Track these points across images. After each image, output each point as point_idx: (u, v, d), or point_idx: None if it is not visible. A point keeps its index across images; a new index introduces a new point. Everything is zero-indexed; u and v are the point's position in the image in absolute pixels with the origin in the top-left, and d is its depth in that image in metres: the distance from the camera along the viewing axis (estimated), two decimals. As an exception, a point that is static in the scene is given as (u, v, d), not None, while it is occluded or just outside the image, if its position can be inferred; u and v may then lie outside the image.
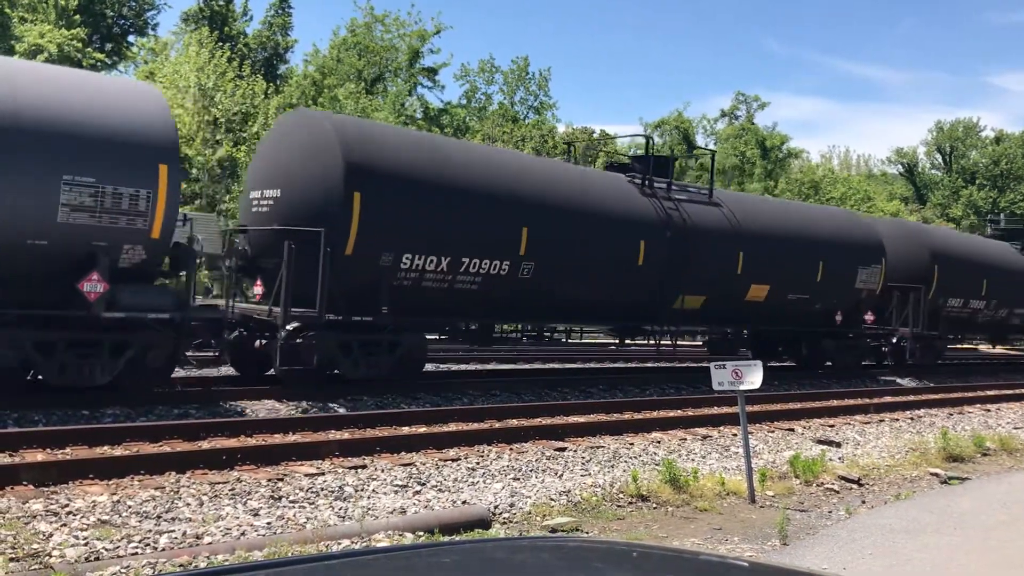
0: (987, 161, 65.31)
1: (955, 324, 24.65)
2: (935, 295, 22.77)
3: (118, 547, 5.83)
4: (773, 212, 19.86)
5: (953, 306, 23.87)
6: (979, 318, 25.40)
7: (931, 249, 22.93)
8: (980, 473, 11.06)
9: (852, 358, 21.52)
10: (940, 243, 23.85)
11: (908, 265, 22.44)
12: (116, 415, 10.49)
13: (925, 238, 23.58)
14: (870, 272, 20.75)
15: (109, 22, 41.38)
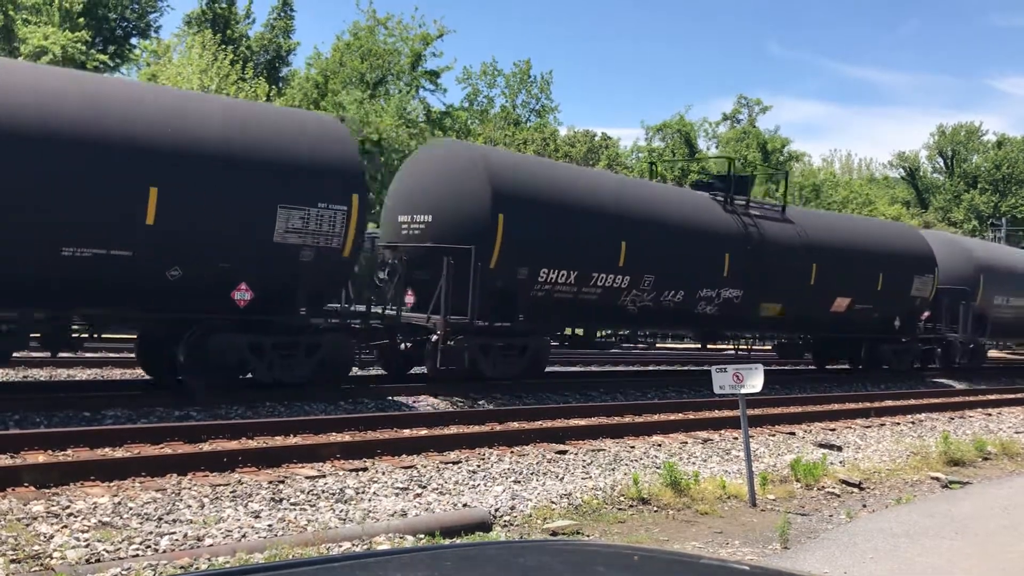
0: (989, 165, 65.33)
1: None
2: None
3: (119, 549, 5.83)
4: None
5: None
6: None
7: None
8: (981, 477, 11.05)
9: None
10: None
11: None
12: (117, 416, 10.51)
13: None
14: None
15: (112, 24, 41.44)
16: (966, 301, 23.65)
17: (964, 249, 25.54)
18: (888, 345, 22.29)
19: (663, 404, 14.66)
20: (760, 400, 14.22)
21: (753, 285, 18.14)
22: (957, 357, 23.87)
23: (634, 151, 59.73)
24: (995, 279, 25.06)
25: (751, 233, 18.26)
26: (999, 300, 25.25)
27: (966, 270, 24.47)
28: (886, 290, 21.23)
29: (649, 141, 59.42)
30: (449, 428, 11.14)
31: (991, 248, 28.86)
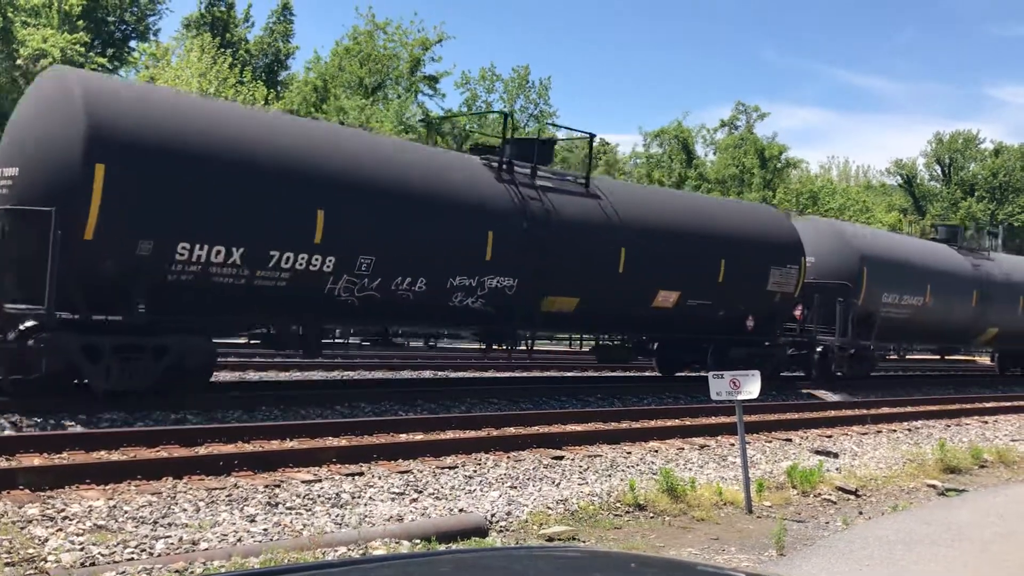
0: (986, 173, 65.47)
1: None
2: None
3: (114, 552, 5.82)
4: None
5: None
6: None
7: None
8: (977, 485, 11.05)
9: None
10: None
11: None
12: (113, 420, 10.49)
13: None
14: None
15: (111, 27, 41.45)
16: (845, 299, 20.07)
17: (843, 236, 21.64)
18: (741, 349, 18.34)
19: (660, 410, 14.66)
20: (757, 406, 14.21)
21: (533, 273, 14.47)
22: (834, 365, 20.48)
23: (632, 157, 59.80)
24: (882, 273, 21.29)
25: (531, 208, 14.45)
26: (888, 298, 21.67)
27: (847, 262, 20.79)
28: (730, 282, 17.60)
29: (647, 147, 59.50)
30: (446, 433, 11.13)
31: (879, 236, 24.99)
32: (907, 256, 22.92)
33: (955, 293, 23.61)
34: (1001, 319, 25.31)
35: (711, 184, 52.90)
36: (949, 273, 23.70)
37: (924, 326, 23.06)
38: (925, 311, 22.45)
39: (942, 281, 23.09)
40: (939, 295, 22.78)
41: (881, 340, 22.25)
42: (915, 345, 26.87)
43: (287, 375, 17.07)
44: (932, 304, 22.56)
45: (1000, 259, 26.43)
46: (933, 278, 22.81)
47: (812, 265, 20.20)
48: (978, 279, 24.58)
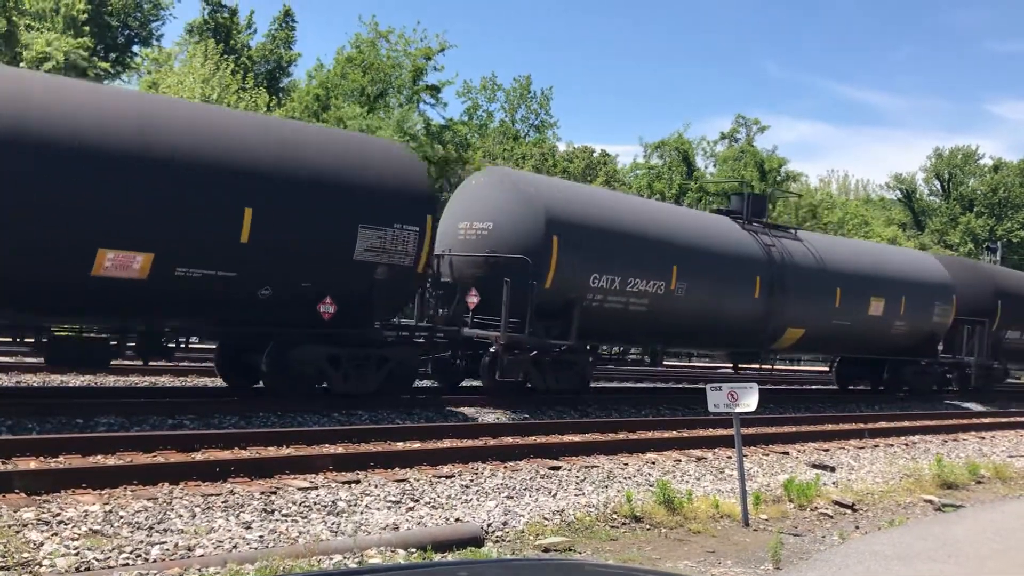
0: (985, 189, 65.59)
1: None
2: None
3: (109, 557, 5.81)
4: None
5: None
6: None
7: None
8: (974, 501, 11.04)
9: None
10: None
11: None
12: (110, 424, 10.48)
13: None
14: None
15: (114, 31, 41.54)
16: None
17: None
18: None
19: (657, 421, 14.66)
20: (755, 419, 14.21)
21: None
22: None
23: (633, 168, 59.87)
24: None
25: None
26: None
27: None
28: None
29: (647, 158, 59.58)
30: (443, 442, 11.11)
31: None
32: (637, 225, 16.80)
33: (725, 279, 17.86)
34: (807, 316, 19.77)
35: (711, 196, 52.96)
36: (714, 253, 17.80)
37: (669, 323, 17.22)
38: (670, 301, 16.74)
39: (702, 262, 17.37)
40: (695, 280, 17.11)
41: (594, 338, 16.94)
42: (660, 346, 21.39)
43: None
44: (682, 293, 16.91)
45: (811, 239, 21.06)
46: (685, 258, 17.04)
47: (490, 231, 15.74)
48: (767, 262, 18.79)
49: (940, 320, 23.21)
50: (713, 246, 17.97)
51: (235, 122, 12.39)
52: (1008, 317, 25.60)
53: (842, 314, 20.57)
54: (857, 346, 22.13)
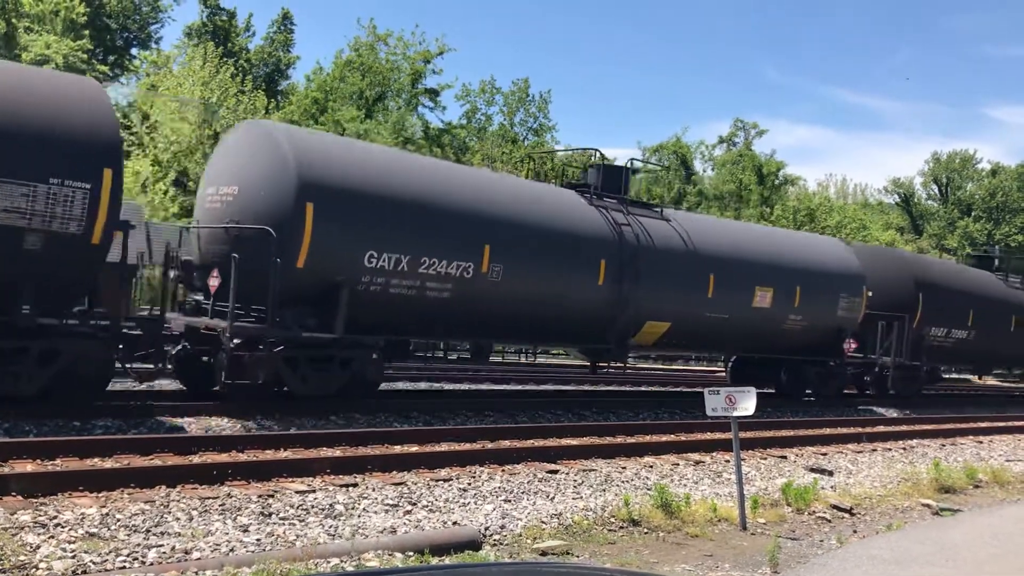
0: (983, 193, 65.67)
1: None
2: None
3: (106, 560, 5.80)
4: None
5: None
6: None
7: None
8: (972, 505, 11.04)
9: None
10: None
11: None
12: (107, 427, 10.47)
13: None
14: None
15: (113, 34, 41.55)
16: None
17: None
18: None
19: (655, 425, 14.65)
20: (752, 423, 14.21)
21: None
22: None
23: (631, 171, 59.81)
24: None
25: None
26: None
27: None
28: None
29: (645, 162, 59.56)
30: (441, 445, 11.10)
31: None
32: (433, 192, 13.72)
33: (557, 262, 14.96)
34: (672, 308, 16.93)
35: (709, 200, 53.00)
36: (543, 230, 14.81)
37: (484, 313, 14.31)
38: (481, 287, 13.90)
39: (525, 241, 14.49)
40: (515, 263, 14.27)
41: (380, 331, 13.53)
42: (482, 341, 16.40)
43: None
44: (497, 277, 14.01)
45: (681, 219, 18.06)
46: (501, 235, 14.14)
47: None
48: (617, 244, 15.86)
49: (847, 315, 20.32)
50: (542, 222, 14.81)
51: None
52: (931, 312, 22.66)
53: (718, 306, 17.54)
54: (744, 344, 19.34)
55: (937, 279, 23.64)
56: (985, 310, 24.66)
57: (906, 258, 25.17)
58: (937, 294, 22.89)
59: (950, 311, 23.44)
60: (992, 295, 25.77)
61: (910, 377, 22.53)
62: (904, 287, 22.36)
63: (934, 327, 23.06)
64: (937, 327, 23.20)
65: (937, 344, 23.40)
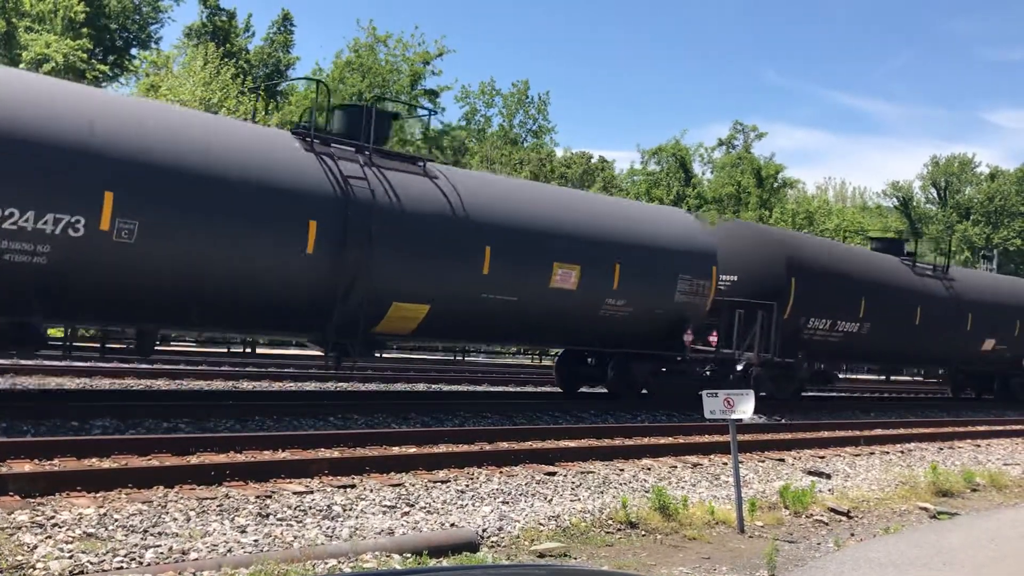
0: (982, 197, 65.74)
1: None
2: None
3: (103, 561, 5.79)
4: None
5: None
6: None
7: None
8: (969, 508, 11.05)
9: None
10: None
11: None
12: (105, 427, 10.46)
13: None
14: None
15: (112, 34, 41.55)
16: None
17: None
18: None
19: (653, 427, 14.65)
20: (750, 426, 14.21)
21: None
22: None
23: (630, 174, 59.93)
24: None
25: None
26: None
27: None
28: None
29: (644, 164, 59.67)
30: (439, 447, 11.10)
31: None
32: None
33: (235, 222, 11.60)
34: (432, 286, 13.52)
35: (709, 203, 53.03)
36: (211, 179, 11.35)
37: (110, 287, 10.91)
38: (101, 251, 10.53)
39: (181, 192, 11.08)
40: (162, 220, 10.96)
41: None
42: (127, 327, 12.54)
43: (280, 385, 17.03)
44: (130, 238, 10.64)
45: (451, 176, 14.42)
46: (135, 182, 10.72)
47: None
48: (338, 201, 12.46)
49: (689, 300, 16.99)
50: (211, 170, 11.29)
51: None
52: (808, 300, 18.90)
53: (499, 286, 14.15)
54: (549, 333, 16.02)
55: (816, 261, 19.85)
56: (883, 300, 21.01)
57: (776, 235, 21.51)
58: (816, 279, 19.24)
59: (835, 299, 19.84)
60: (893, 282, 21.80)
61: (784, 376, 19.31)
62: (773, 270, 18.60)
63: (813, 318, 19.42)
64: (817, 318, 19.52)
65: (820, 338, 19.82)
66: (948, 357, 25.33)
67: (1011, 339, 25.88)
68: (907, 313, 22.12)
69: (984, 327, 24.73)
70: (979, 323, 24.43)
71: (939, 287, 23.54)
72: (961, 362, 25.89)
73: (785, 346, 18.52)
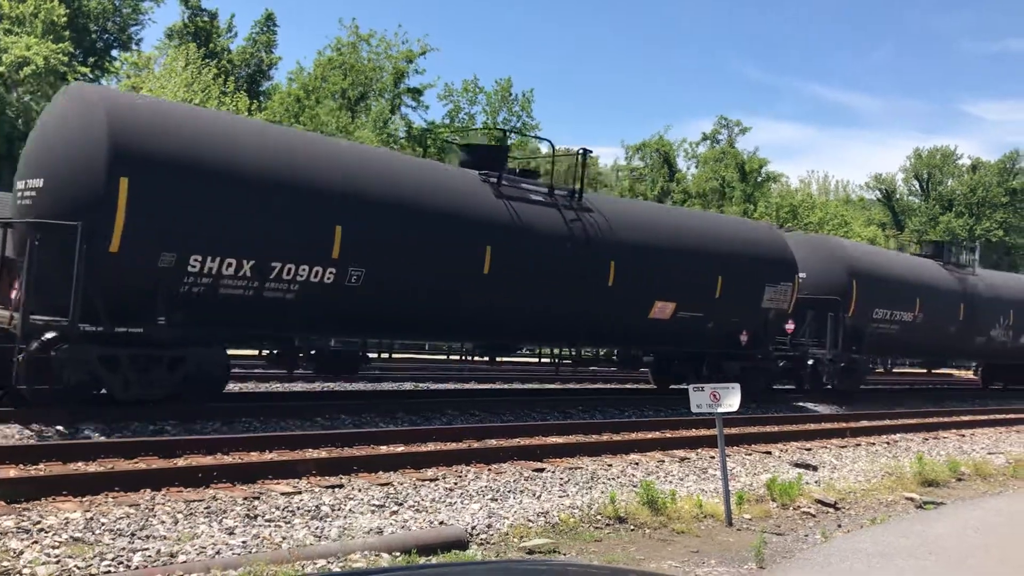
0: (964, 189, 66.19)
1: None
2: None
3: (90, 565, 5.77)
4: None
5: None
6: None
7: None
8: (955, 498, 11.13)
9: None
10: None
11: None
12: (91, 430, 10.40)
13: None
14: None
15: (93, 36, 41.28)
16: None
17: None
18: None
19: (641, 422, 14.69)
20: (737, 419, 14.27)
21: None
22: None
23: (614, 170, 60.02)
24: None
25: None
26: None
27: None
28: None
29: (629, 160, 59.75)
30: (426, 445, 11.10)
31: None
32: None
33: None
34: None
35: (693, 198, 53.17)
36: None
37: None
38: None
39: None
40: None
41: None
42: None
43: (267, 386, 16.98)
44: None
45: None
46: None
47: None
48: None
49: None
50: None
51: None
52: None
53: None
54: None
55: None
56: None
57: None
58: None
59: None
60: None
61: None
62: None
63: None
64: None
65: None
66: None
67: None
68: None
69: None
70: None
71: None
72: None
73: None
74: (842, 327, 20.72)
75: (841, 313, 20.79)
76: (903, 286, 23.10)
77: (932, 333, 24.04)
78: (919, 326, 23.44)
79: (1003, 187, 65.36)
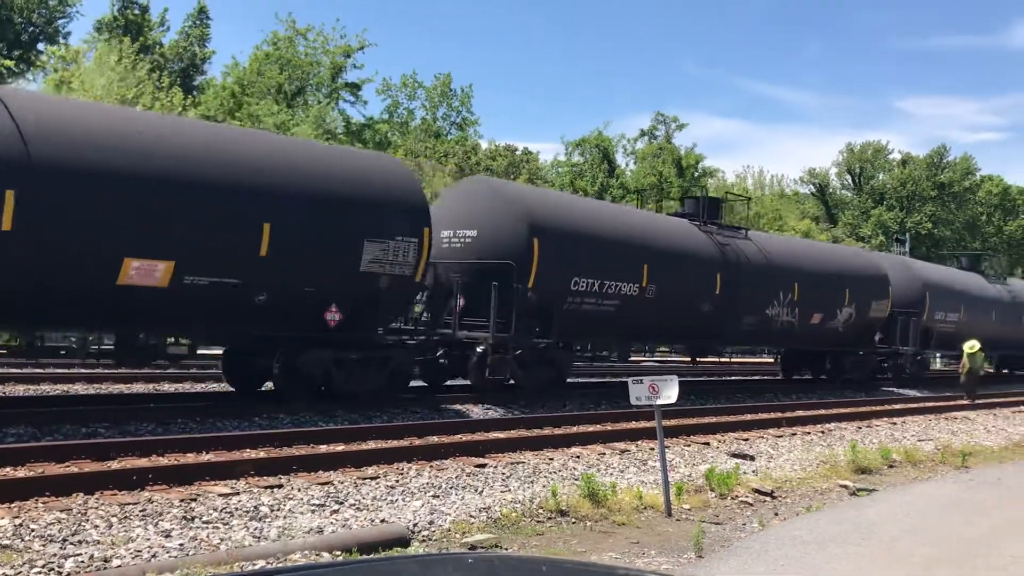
0: (895, 183, 67.88)
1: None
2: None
3: (19, 573, 5.62)
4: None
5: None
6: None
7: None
8: (887, 484, 11.43)
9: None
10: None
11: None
12: (19, 434, 10.13)
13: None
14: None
15: (17, 28, 40.10)
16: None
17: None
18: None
19: (581, 416, 14.79)
20: (676, 411, 14.45)
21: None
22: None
23: (554, 166, 60.27)
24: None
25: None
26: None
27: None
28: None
29: (568, 156, 60.07)
30: (367, 443, 11.03)
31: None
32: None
33: None
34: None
35: (631, 193, 53.64)
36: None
37: None
38: None
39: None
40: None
41: None
42: None
43: (203, 387, 16.71)
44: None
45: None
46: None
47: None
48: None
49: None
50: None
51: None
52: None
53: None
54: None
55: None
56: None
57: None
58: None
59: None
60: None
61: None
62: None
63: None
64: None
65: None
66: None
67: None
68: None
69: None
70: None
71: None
72: None
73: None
74: (515, 302, 15.61)
75: (516, 283, 15.71)
76: (624, 249, 18.01)
77: (672, 312, 19.14)
78: (649, 302, 18.35)
79: (931, 181, 67.22)
